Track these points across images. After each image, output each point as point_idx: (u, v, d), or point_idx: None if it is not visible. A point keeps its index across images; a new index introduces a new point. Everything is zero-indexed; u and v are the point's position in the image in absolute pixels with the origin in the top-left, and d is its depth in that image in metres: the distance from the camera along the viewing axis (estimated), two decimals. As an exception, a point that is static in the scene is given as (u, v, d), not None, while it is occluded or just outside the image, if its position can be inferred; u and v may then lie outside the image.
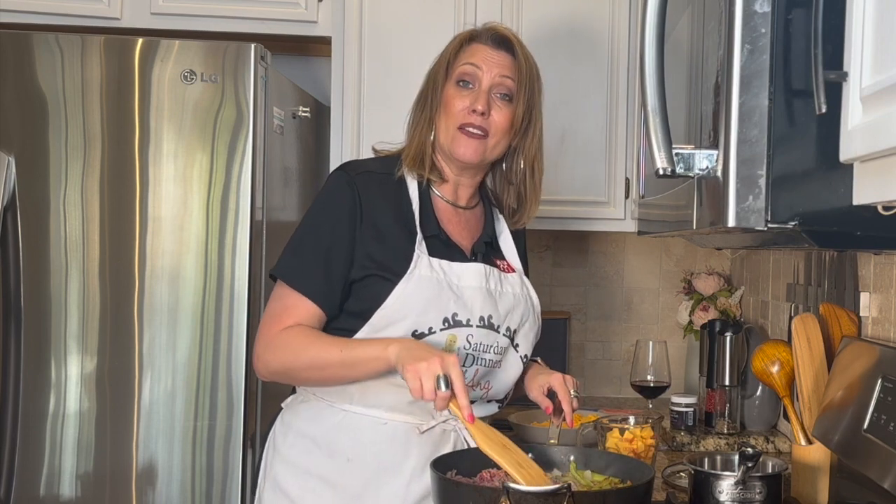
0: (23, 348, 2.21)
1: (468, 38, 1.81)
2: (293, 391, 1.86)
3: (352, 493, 1.73)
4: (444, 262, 1.75)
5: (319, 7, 2.73)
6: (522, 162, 1.85)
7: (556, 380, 1.82)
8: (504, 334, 1.80)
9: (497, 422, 1.89)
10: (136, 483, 2.22)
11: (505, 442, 1.57)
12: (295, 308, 1.72)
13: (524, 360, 1.86)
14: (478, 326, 1.75)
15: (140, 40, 2.24)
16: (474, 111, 1.75)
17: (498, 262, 1.86)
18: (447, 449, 1.75)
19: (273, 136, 2.36)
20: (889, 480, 1.43)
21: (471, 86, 1.77)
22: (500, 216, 1.92)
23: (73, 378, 2.22)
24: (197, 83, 2.22)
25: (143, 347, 2.22)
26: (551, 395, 1.83)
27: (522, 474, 1.49)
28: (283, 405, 1.85)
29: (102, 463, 2.22)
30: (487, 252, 1.85)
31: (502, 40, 1.80)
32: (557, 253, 3.18)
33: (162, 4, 2.68)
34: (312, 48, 2.97)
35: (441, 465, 1.54)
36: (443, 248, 1.78)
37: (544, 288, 3.16)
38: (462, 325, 1.73)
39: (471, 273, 1.77)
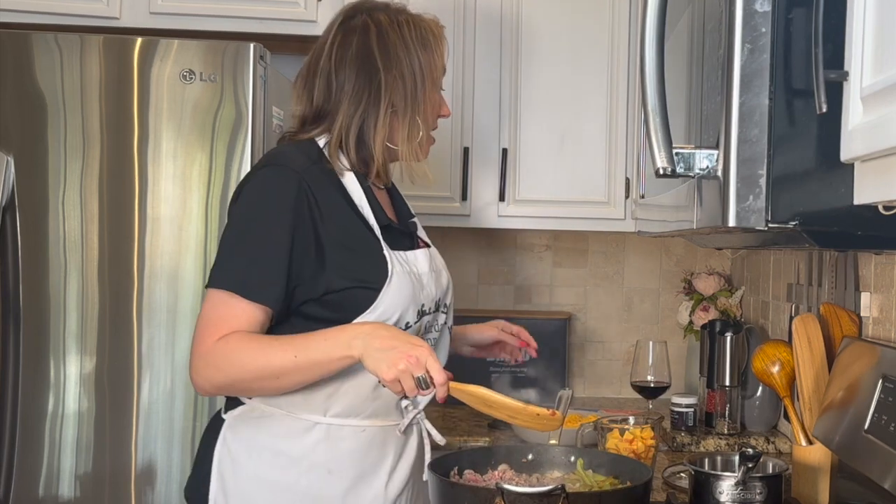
0: (22, 348, 2.20)
1: (442, 33, 1.78)
2: (233, 401, 1.72)
3: (333, 502, 1.67)
4: (403, 254, 1.71)
5: (319, 7, 2.73)
6: None
7: (489, 329, 1.98)
8: (442, 311, 1.79)
9: (496, 421, 1.88)
10: (136, 483, 2.22)
11: (487, 398, 1.53)
12: (236, 318, 1.55)
13: (450, 330, 1.84)
14: (432, 311, 1.75)
15: (139, 40, 2.24)
16: (442, 115, 1.78)
17: (420, 239, 1.84)
18: (413, 441, 1.74)
19: (272, 135, 2.36)
20: (890, 481, 1.43)
21: (443, 89, 1.80)
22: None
23: (72, 378, 2.21)
24: (196, 83, 2.22)
25: (143, 347, 2.22)
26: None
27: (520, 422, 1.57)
28: (225, 416, 1.71)
29: (102, 463, 2.22)
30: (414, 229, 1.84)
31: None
32: (557, 253, 3.18)
33: (161, 4, 2.68)
34: (312, 48, 2.96)
35: (441, 465, 1.54)
36: (398, 237, 1.73)
37: (544, 288, 3.16)
38: (427, 314, 1.72)
39: (421, 259, 1.75)
